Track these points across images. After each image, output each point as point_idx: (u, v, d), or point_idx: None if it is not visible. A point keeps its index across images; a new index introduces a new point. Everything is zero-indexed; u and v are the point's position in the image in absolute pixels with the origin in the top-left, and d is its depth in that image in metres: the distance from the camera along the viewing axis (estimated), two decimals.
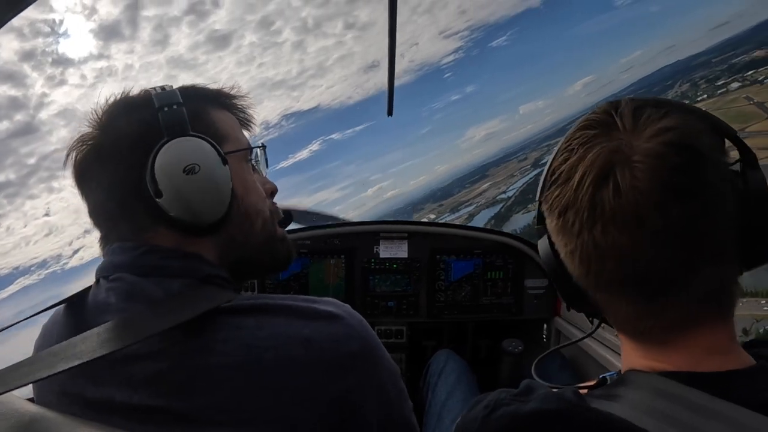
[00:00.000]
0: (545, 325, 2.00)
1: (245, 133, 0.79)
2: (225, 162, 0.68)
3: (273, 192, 0.81)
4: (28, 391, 0.65)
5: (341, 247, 2.00)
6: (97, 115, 0.69)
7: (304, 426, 0.58)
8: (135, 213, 0.66)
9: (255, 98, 0.78)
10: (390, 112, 1.97)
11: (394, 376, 0.69)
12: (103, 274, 0.67)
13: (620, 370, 0.65)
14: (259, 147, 0.79)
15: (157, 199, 0.64)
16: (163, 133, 0.65)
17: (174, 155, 0.64)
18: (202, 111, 0.71)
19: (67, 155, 0.69)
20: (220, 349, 0.58)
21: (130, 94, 0.71)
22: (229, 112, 0.76)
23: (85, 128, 0.69)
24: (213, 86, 0.76)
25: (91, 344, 0.56)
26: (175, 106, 0.66)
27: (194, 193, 0.65)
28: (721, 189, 0.54)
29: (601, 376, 0.65)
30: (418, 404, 1.58)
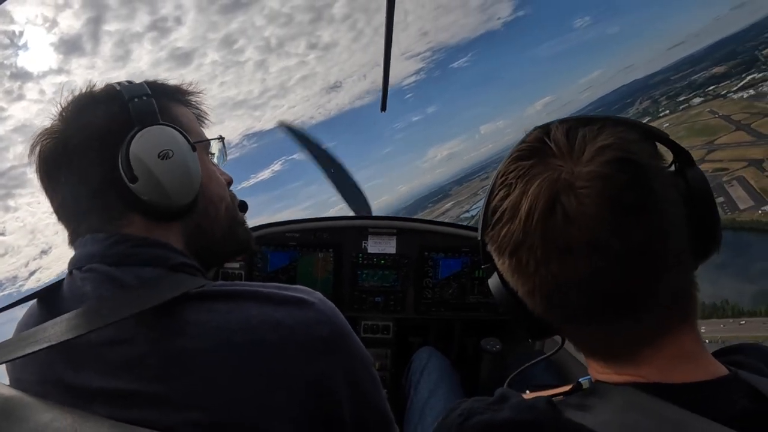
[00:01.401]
0: None
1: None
2: (194, 149, 0.71)
3: (229, 182, 0.85)
4: (3, 380, 0.65)
5: (330, 241, 1.99)
6: (61, 107, 0.70)
7: (283, 412, 0.59)
8: (107, 202, 0.68)
9: (216, 118, 0.84)
10: (383, 108, 1.97)
11: (365, 363, 0.69)
12: (76, 265, 0.67)
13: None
14: (217, 139, 0.83)
15: (132, 185, 0.66)
16: (134, 122, 0.67)
17: (148, 141, 0.67)
18: (165, 105, 0.73)
19: (32, 149, 0.70)
20: (192, 332, 0.59)
21: (94, 89, 0.72)
22: (186, 108, 0.79)
23: (50, 122, 0.70)
24: (172, 82, 0.79)
25: (60, 328, 0.57)
26: (144, 98, 0.70)
27: (168, 177, 0.68)
28: (668, 194, 0.54)
29: (577, 381, 0.65)
30: (401, 400, 1.58)
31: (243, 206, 0.86)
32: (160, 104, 0.71)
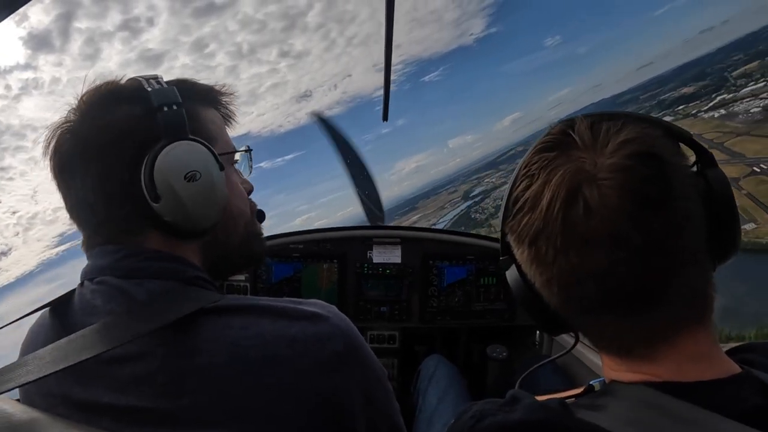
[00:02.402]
0: (537, 331, 2.02)
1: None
2: (222, 168, 0.68)
3: (250, 191, 0.81)
4: (13, 394, 0.64)
5: (334, 251, 1.99)
6: (82, 101, 0.66)
7: (291, 424, 0.58)
8: (124, 214, 0.65)
9: None
10: (385, 117, 2.00)
11: (380, 376, 0.69)
12: (87, 276, 0.66)
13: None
14: (244, 150, 0.79)
15: (154, 204, 0.63)
16: (161, 134, 0.63)
17: (175, 161, 0.63)
18: (195, 111, 0.69)
19: (47, 143, 0.66)
20: (207, 348, 0.58)
21: (120, 83, 0.68)
22: (214, 109, 0.75)
23: (68, 114, 0.66)
24: (204, 82, 0.75)
25: (77, 346, 0.56)
26: (174, 107, 0.64)
27: (194, 200, 0.64)
28: (686, 192, 0.54)
29: (588, 383, 0.65)
30: (410, 409, 1.57)
31: (261, 216, 0.83)
32: (190, 110, 0.66)
